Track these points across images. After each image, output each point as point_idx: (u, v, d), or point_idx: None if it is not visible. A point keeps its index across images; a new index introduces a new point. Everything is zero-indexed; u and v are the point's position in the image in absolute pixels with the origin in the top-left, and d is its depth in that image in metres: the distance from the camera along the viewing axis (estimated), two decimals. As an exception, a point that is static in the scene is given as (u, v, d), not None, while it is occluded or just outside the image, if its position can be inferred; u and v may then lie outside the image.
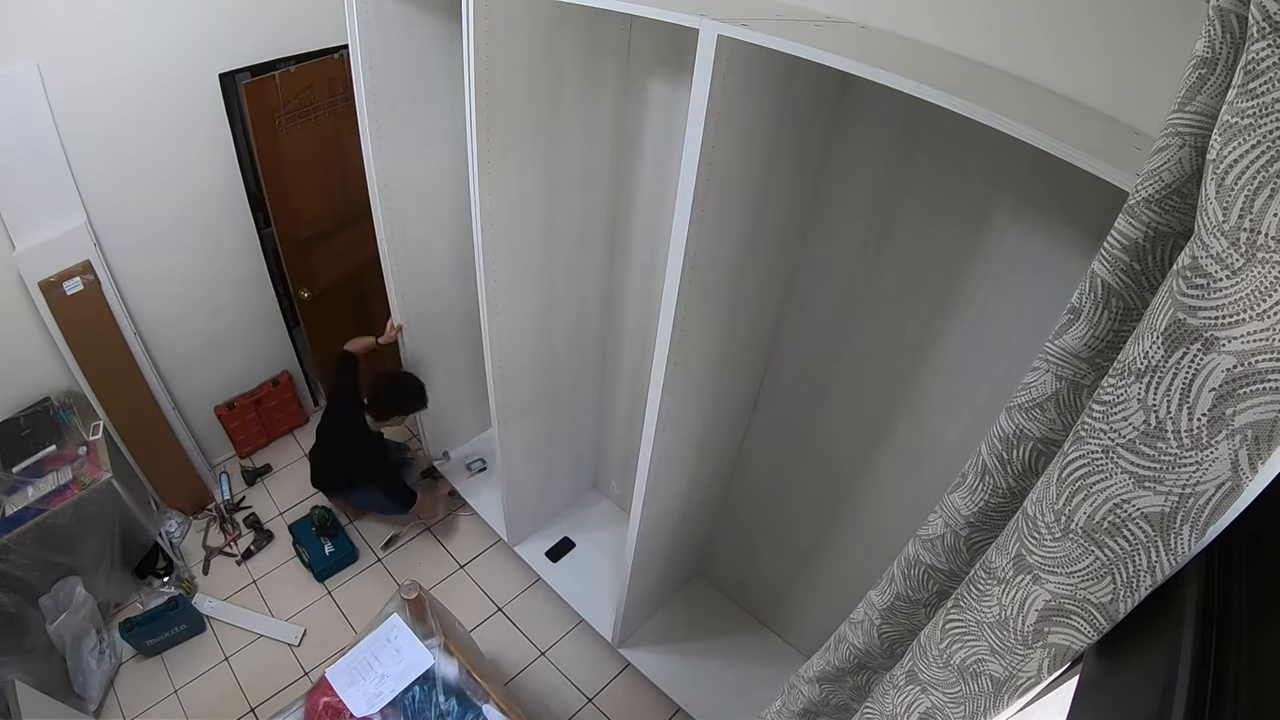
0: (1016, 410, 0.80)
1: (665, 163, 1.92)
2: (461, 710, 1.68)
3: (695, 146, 1.21)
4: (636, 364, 2.45)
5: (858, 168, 1.53)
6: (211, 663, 2.52)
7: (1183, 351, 0.49)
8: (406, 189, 2.31)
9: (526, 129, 1.75)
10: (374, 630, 1.78)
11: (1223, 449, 0.48)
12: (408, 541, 3.00)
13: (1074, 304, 0.71)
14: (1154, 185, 0.61)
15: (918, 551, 0.99)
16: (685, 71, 1.71)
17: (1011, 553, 0.69)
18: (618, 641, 2.47)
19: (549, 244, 2.04)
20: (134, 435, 2.71)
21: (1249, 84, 0.44)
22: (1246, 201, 0.43)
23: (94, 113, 2.24)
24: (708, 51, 1.11)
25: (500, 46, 1.56)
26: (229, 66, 2.51)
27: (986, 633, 0.74)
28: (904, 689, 0.91)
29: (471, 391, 3.05)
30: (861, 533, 2.01)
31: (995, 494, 0.86)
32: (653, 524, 2.00)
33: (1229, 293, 0.45)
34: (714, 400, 1.84)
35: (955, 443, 1.63)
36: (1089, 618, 0.61)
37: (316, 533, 2.87)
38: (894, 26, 1.28)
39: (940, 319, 1.52)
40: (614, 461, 2.89)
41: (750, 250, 1.54)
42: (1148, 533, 0.54)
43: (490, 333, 2.06)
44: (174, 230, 2.64)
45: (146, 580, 2.70)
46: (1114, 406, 0.55)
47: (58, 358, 2.47)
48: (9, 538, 2.16)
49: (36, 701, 1.94)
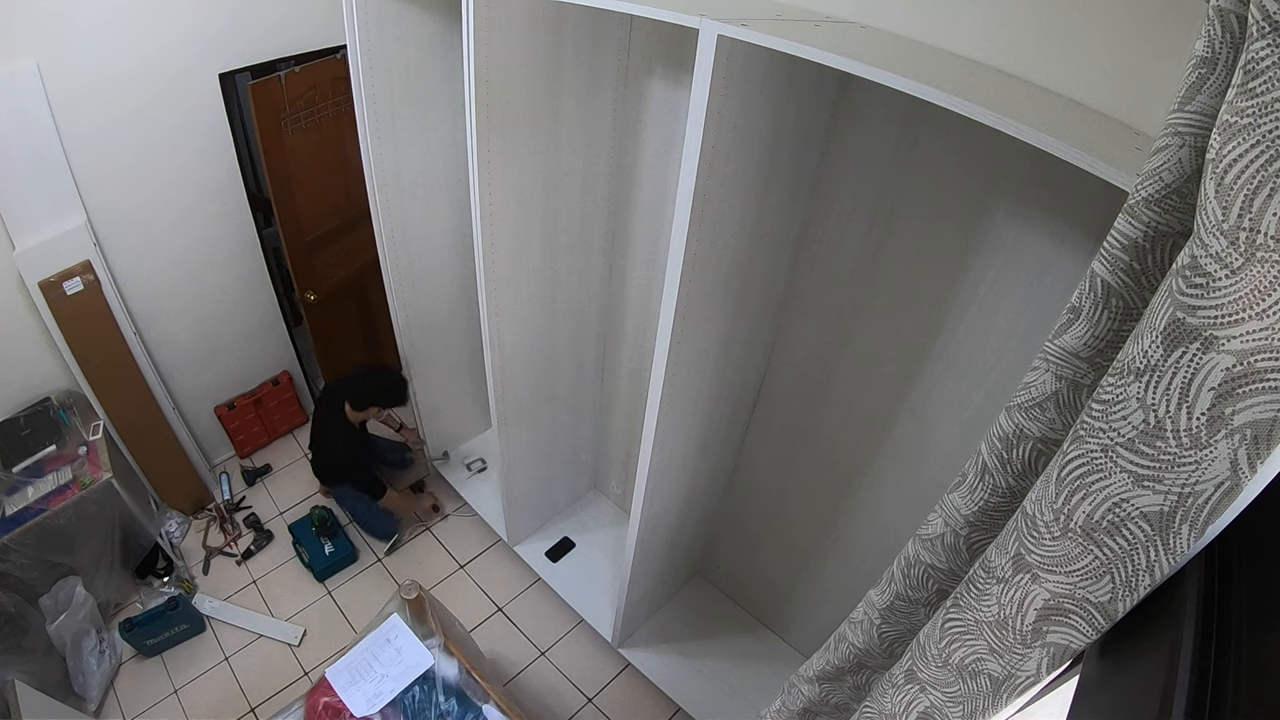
0: (1016, 410, 0.80)
1: (665, 163, 1.92)
2: (461, 710, 1.68)
3: (695, 146, 1.21)
4: (636, 364, 2.45)
5: (857, 167, 1.53)
6: (211, 663, 2.52)
7: (1182, 351, 0.49)
8: (406, 189, 2.31)
9: (526, 129, 1.75)
10: (374, 630, 1.78)
11: (1222, 448, 0.48)
12: (409, 541, 3.00)
13: (1074, 303, 0.71)
14: (1154, 185, 0.61)
15: (917, 551, 0.99)
16: (685, 71, 1.72)
17: (1011, 552, 0.69)
18: (617, 641, 2.47)
19: (549, 244, 2.04)
20: (134, 435, 2.72)
21: (1249, 83, 0.44)
22: (1246, 201, 0.43)
23: (94, 112, 2.24)
24: (708, 51, 1.11)
25: (500, 46, 1.56)
26: (229, 66, 2.51)
27: (985, 632, 0.74)
28: (903, 688, 0.91)
29: (471, 391, 3.05)
30: (861, 532, 2.01)
31: (995, 493, 0.86)
32: (653, 524, 2.00)
33: (1228, 292, 0.45)
34: (714, 400, 1.84)
35: (955, 442, 1.63)
36: (1088, 617, 0.61)
37: (316, 533, 2.87)
38: (894, 26, 1.28)
39: (940, 318, 1.52)
40: (614, 461, 2.89)
41: (750, 250, 1.54)
42: (1147, 532, 0.54)
43: (490, 332, 2.06)
44: (174, 230, 2.64)
45: (146, 580, 2.70)
46: (1113, 406, 0.55)
47: (58, 358, 2.47)
48: (9, 538, 2.17)
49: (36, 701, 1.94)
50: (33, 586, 2.27)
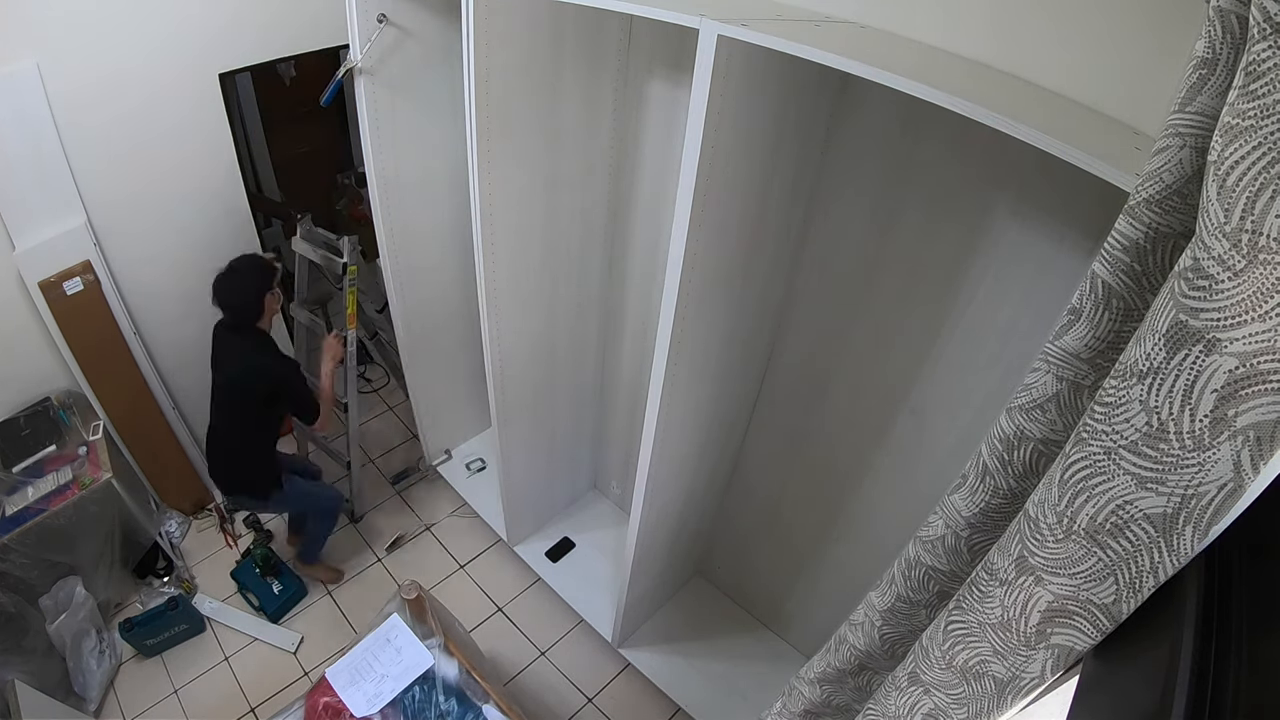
0: (1017, 411, 0.80)
1: (665, 163, 1.92)
2: (461, 710, 1.68)
3: (695, 146, 1.21)
4: (636, 364, 2.45)
5: (857, 167, 1.53)
6: (211, 663, 2.52)
7: (1185, 353, 0.49)
8: (406, 189, 2.31)
9: (526, 129, 1.75)
10: (374, 630, 1.78)
11: (1225, 450, 0.48)
12: (410, 541, 3.00)
13: (1074, 305, 0.71)
14: (1155, 186, 0.60)
15: (918, 553, 0.99)
16: (685, 71, 1.72)
17: (1013, 554, 0.69)
18: (618, 641, 2.47)
19: (549, 244, 2.04)
20: (134, 435, 2.71)
21: (1250, 85, 0.44)
22: (1248, 203, 0.43)
23: (94, 112, 2.24)
24: (708, 51, 1.11)
25: (500, 46, 1.56)
26: (229, 66, 2.51)
27: (989, 634, 0.74)
28: (907, 690, 0.91)
29: (471, 391, 3.05)
30: (861, 533, 2.01)
31: (996, 495, 0.86)
32: (652, 524, 2.00)
33: (1231, 294, 0.45)
34: (714, 400, 1.84)
35: (955, 443, 1.63)
36: (1092, 619, 0.61)
37: (261, 574, 2.72)
38: (894, 26, 1.28)
39: (940, 319, 1.52)
40: (614, 461, 2.89)
41: (750, 250, 1.54)
42: (1150, 534, 0.54)
43: (490, 332, 2.06)
44: (174, 230, 2.64)
45: (146, 580, 2.70)
46: (1116, 408, 0.55)
47: (58, 358, 2.47)
48: (9, 538, 2.17)
49: (36, 701, 1.94)
50: (33, 586, 2.27)
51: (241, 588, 2.76)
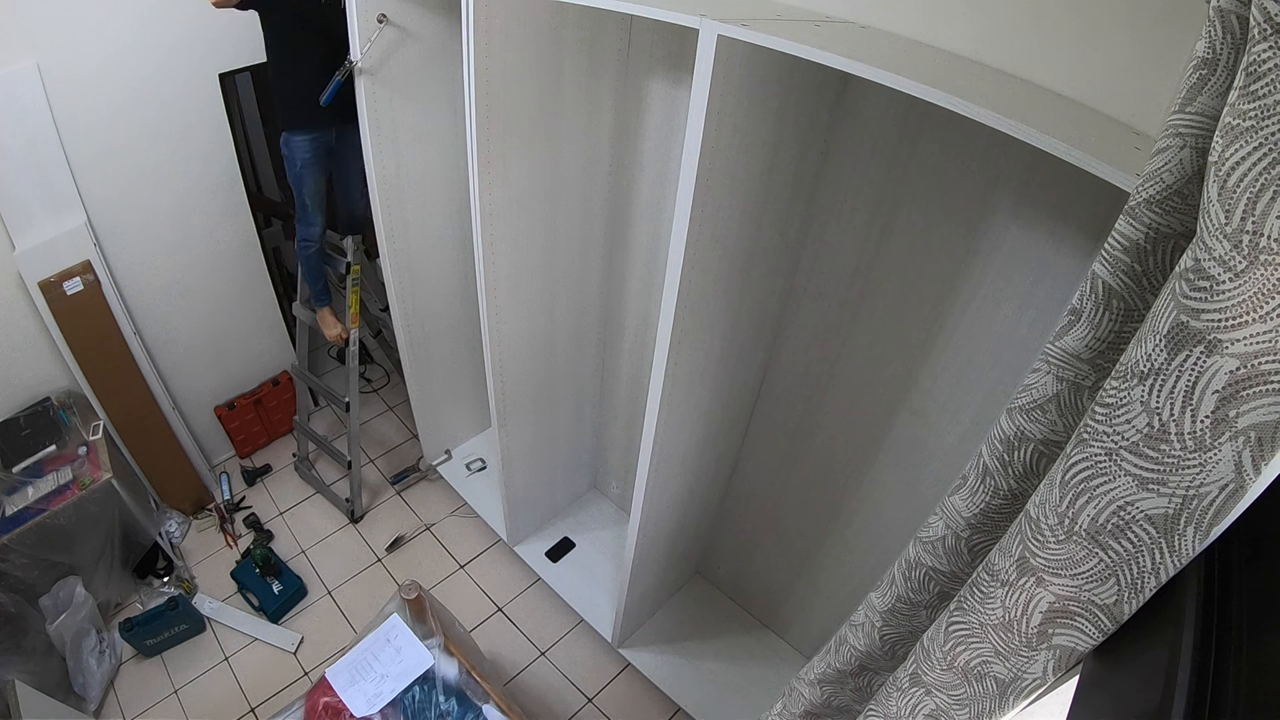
0: (1017, 412, 0.80)
1: (665, 163, 1.92)
2: (461, 710, 1.68)
3: (695, 146, 1.21)
4: (636, 364, 2.45)
5: (858, 167, 1.53)
6: (211, 663, 2.52)
7: (1186, 354, 0.49)
8: (406, 189, 2.31)
9: (526, 129, 1.75)
10: (374, 630, 1.77)
11: (1226, 451, 0.48)
12: (410, 541, 3.00)
13: (1075, 305, 0.71)
14: (1155, 186, 0.60)
15: (918, 553, 0.99)
16: (685, 71, 1.72)
17: (1014, 555, 0.69)
18: (618, 641, 2.47)
19: (549, 243, 2.04)
20: (134, 435, 2.71)
21: (1251, 86, 0.44)
22: (1249, 204, 0.43)
23: (94, 113, 2.24)
24: (708, 51, 1.11)
25: (500, 46, 1.56)
26: (229, 66, 2.51)
27: (990, 635, 0.74)
28: (908, 691, 0.91)
29: (471, 391, 3.05)
30: (862, 533, 2.01)
31: (996, 496, 0.86)
32: (652, 524, 2.00)
33: (1232, 295, 0.45)
34: (714, 400, 1.84)
35: (955, 444, 1.63)
36: (1094, 619, 0.61)
37: (261, 573, 2.72)
38: (894, 26, 1.28)
39: (940, 319, 1.52)
40: (614, 461, 2.89)
41: (750, 250, 1.54)
42: (1151, 535, 0.54)
43: (490, 332, 2.06)
44: (174, 230, 2.64)
45: (146, 580, 2.70)
46: (1117, 409, 0.55)
47: (58, 358, 2.47)
48: (9, 538, 2.16)
49: (36, 701, 1.94)
50: (33, 586, 2.27)
51: (241, 588, 2.75)
